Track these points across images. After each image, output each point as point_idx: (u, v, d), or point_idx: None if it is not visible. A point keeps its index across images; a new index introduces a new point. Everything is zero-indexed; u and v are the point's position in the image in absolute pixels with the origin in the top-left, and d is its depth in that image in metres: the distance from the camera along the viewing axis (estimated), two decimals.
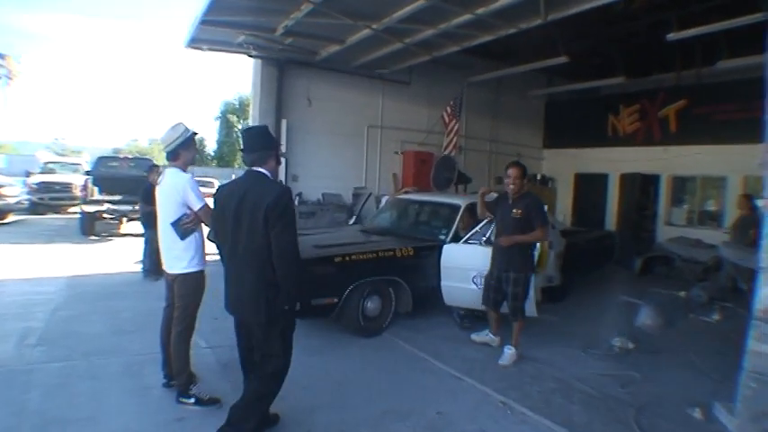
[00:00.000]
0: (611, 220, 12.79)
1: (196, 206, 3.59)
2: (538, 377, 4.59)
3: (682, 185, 12.49)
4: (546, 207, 5.14)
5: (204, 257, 3.79)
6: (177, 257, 3.65)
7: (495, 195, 5.60)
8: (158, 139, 3.59)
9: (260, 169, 3.08)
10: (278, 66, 9.57)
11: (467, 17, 7.12)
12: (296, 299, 3.05)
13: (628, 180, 12.28)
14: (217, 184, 21.58)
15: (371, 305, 5.59)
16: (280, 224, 2.87)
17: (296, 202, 10.03)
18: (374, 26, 7.51)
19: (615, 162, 12.83)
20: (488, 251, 5.32)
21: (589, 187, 13.69)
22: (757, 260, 7.27)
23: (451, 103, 11.17)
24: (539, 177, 14.33)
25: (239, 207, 2.97)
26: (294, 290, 2.96)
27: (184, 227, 3.62)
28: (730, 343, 5.40)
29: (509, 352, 4.88)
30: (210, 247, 3.73)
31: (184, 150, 3.69)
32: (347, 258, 5.42)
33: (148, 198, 7.49)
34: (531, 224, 4.82)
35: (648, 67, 12.14)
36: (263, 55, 9.29)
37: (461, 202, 6.60)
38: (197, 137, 3.85)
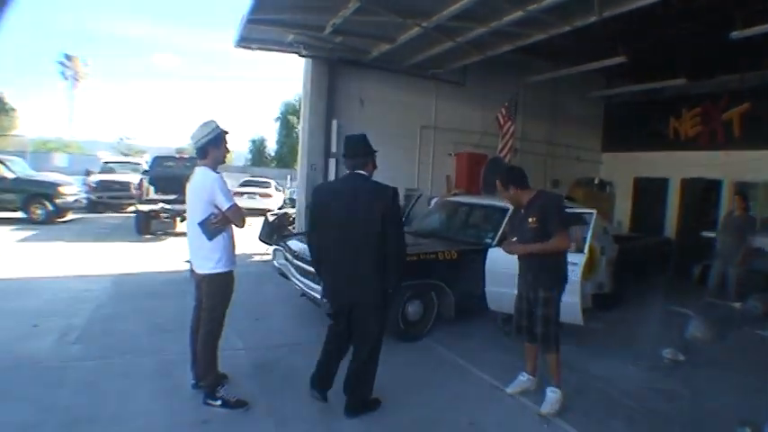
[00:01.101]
0: (671, 227, 12.18)
1: (224, 206, 3.49)
2: (581, 389, 4.36)
3: (745, 192, 11.63)
4: (575, 208, 4.82)
5: (233, 258, 3.69)
6: (205, 257, 3.56)
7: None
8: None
9: (361, 171, 3.51)
10: (329, 65, 9.46)
11: (518, 14, 6.79)
12: (401, 282, 3.69)
13: (689, 185, 11.68)
14: (274, 184, 22.02)
15: (412, 309, 5.45)
16: (394, 219, 3.41)
17: None
18: (424, 24, 7.26)
19: (676, 166, 12.18)
20: None
21: (648, 192, 13.00)
22: None
23: (506, 104, 10.78)
24: (596, 182, 13.75)
25: (352, 203, 3.38)
26: (401, 274, 3.53)
27: (212, 227, 3.52)
28: None
29: (553, 396, 3.92)
30: (258, 247, 3.66)
31: (214, 148, 3.59)
32: None
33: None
34: (548, 231, 3.83)
35: (711, 69, 11.34)
36: (314, 54, 9.19)
37: (509, 205, 6.28)
38: (227, 135, 3.72)
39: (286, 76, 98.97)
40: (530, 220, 3.88)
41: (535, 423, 3.70)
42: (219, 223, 3.53)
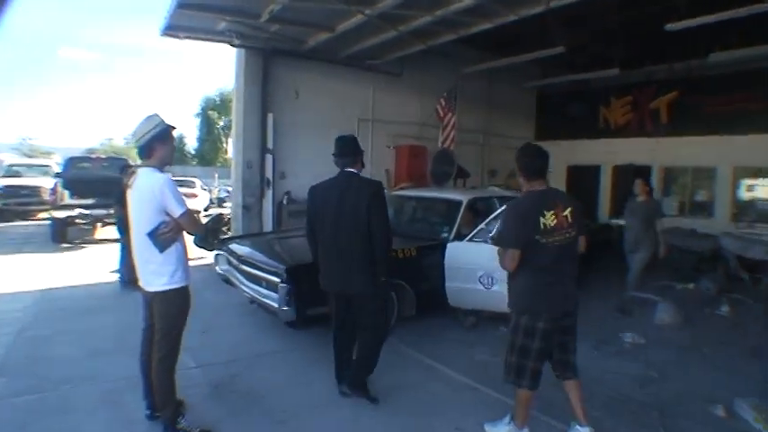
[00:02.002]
0: (604, 212, 12.76)
1: (177, 212, 3.04)
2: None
3: (673, 176, 12.36)
4: None
5: (188, 271, 3.24)
6: (155, 273, 3.10)
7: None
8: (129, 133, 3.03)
9: (351, 170, 3.76)
10: (263, 56, 8.95)
11: (467, 2, 6.67)
12: (389, 270, 3.74)
13: (621, 172, 12.18)
14: (199, 183, 20.85)
15: None
16: (378, 210, 3.60)
17: (284, 202, 9.49)
18: (367, 11, 6.96)
19: (607, 154, 12.82)
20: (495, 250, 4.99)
21: (581, 179, 13.54)
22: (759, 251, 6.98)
23: (445, 95, 10.73)
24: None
25: (342, 198, 3.62)
26: (385, 268, 3.65)
27: (163, 237, 3.07)
28: (744, 336, 5.19)
29: None
30: (197, 253, 3.22)
31: (160, 145, 3.12)
32: None
33: (125, 200, 6.95)
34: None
35: (641, 59, 11.95)
36: (247, 44, 8.65)
37: (463, 197, 6.21)
38: (175, 132, 3.29)
39: (208, 69, 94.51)
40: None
41: None
42: (172, 232, 3.09)
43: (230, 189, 17.05)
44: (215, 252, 6.31)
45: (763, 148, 10.04)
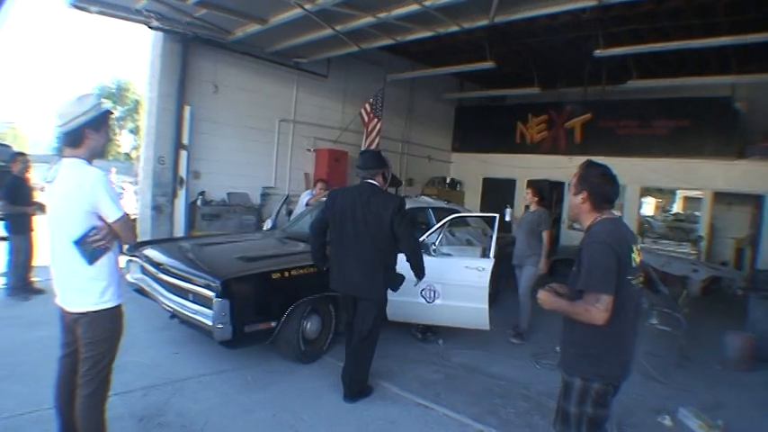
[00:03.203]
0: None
1: (112, 216, 2.49)
2: (506, 396, 4.31)
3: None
4: None
5: (121, 286, 2.68)
6: (82, 290, 2.53)
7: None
8: (56, 113, 2.38)
9: (372, 181, 3.96)
10: (183, 43, 8.14)
11: (413, 8, 6.45)
12: (424, 274, 4.08)
13: (535, 186, 12.48)
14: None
15: (311, 326, 4.81)
16: (403, 223, 3.80)
17: (198, 203, 8.75)
18: (307, 6, 6.50)
19: (522, 168, 13.15)
20: (439, 261, 5.06)
21: (497, 192, 13.80)
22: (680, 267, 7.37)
23: (371, 100, 10.50)
24: (448, 181, 14.33)
25: (365, 209, 3.83)
26: (423, 270, 4.05)
27: (94, 246, 2.50)
28: (675, 347, 5.45)
29: None
30: None
31: (93, 133, 2.54)
32: (287, 274, 4.56)
33: (14, 195, 5.97)
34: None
35: (561, 81, 12.53)
36: (167, 28, 7.77)
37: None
38: (112, 117, 2.74)
39: (107, 53, 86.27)
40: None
41: None
42: (104, 241, 2.52)
43: (133, 186, 15.69)
44: (126, 258, 5.57)
45: (667, 170, 10.81)
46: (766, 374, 5.28)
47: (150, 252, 5.19)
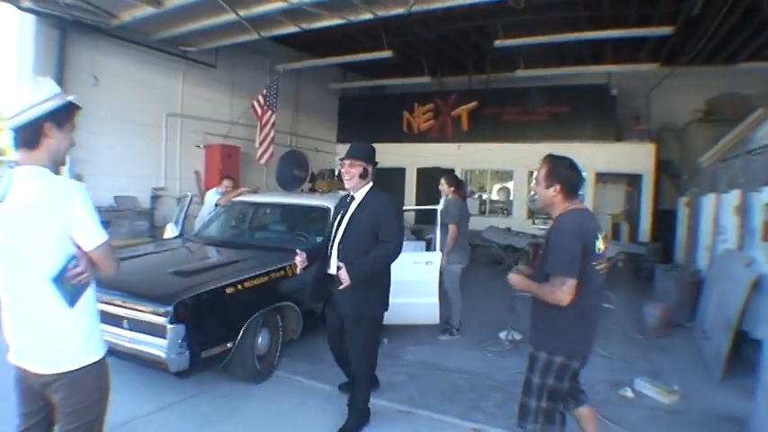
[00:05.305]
0: (411, 214, 13.26)
1: (94, 241, 1.93)
2: (476, 390, 4.30)
3: (475, 179, 13.59)
4: None
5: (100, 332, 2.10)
6: (56, 343, 1.94)
7: None
8: None
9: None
10: (60, 28, 7.01)
11: None
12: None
13: (425, 174, 12.90)
14: None
15: (262, 341, 4.43)
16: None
17: None
18: None
19: (411, 157, 13.39)
20: None
21: (387, 181, 13.83)
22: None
23: (264, 92, 9.99)
24: (336, 173, 14.13)
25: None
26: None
27: (74, 281, 1.92)
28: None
29: None
30: None
31: (54, 129, 1.93)
32: (240, 287, 4.15)
33: None
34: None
35: (444, 70, 12.87)
36: (42, 9, 6.63)
37: (328, 203, 5.70)
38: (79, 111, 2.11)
39: None
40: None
41: None
42: (85, 274, 1.94)
43: None
44: None
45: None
46: (681, 338, 5.90)
47: None
